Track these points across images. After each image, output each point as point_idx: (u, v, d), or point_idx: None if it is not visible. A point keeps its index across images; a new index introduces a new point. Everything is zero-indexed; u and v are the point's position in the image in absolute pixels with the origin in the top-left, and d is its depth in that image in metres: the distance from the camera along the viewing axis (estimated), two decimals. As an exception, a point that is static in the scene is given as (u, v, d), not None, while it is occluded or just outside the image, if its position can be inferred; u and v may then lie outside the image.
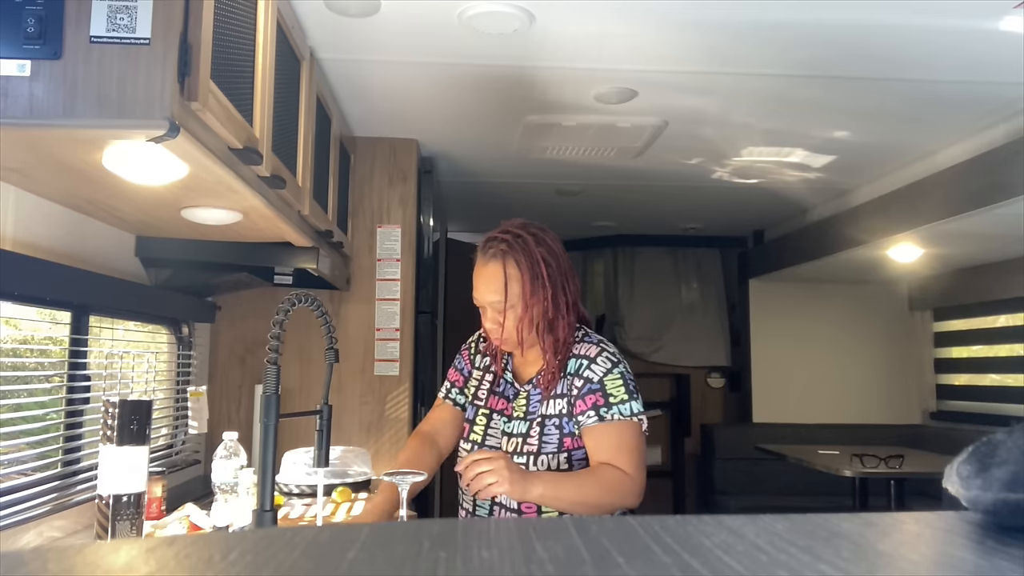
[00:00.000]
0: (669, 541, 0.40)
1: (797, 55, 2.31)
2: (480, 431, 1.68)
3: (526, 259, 1.57)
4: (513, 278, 1.56)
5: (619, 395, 1.56)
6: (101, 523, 1.51)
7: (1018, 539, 0.40)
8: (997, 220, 2.97)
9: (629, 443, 1.55)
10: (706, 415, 5.48)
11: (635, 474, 1.53)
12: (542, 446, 1.58)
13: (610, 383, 1.57)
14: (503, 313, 1.58)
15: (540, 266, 1.57)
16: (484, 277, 1.59)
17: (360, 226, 3.08)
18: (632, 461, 1.53)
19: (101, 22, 1.20)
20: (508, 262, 1.57)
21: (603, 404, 1.55)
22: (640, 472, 1.54)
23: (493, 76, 2.51)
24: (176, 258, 2.26)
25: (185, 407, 2.54)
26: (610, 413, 1.55)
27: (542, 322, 1.60)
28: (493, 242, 1.60)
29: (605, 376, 1.57)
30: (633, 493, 1.52)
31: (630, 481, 1.52)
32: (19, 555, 0.38)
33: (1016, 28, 2.08)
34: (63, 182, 1.57)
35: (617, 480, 1.52)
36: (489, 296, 1.59)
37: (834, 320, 5.02)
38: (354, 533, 0.42)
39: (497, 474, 1.41)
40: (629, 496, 1.52)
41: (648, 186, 3.98)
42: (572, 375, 1.59)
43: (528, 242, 1.58)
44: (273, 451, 1.47)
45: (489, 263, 1.59)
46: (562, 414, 1.59)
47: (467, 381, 1.79)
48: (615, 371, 1.58)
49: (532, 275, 1.57)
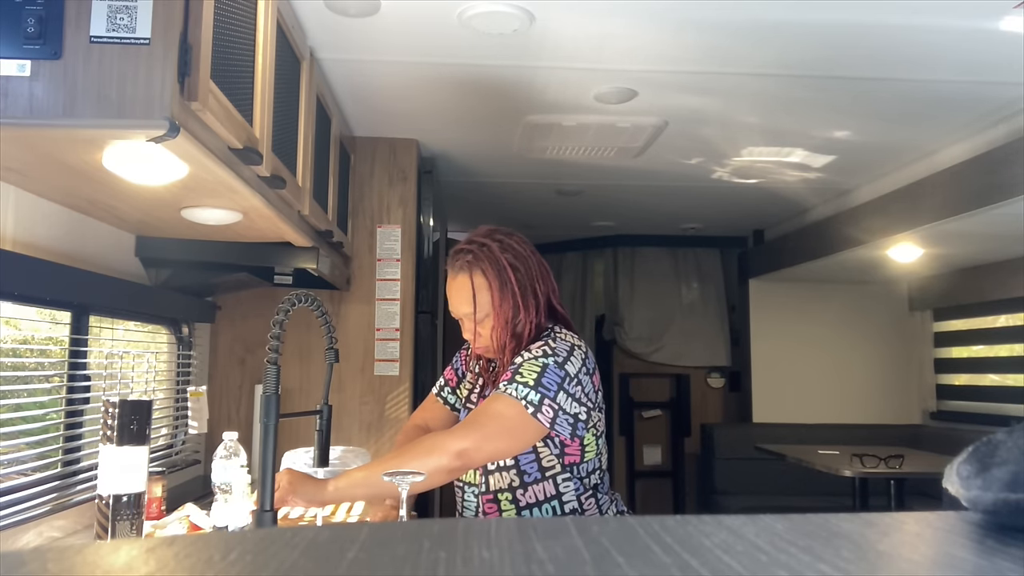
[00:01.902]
0: (669, 541, 0.40)
1: (797, 55, 2.31)
2: None
3: (492, 267, 1.57)
4: (481, 288, 1.57)
5: (524, 377, 1.49)
6: (101, 523, 1.51)
7: (1018, 539, 0.40)
8: (997, 220, 2.97)
9: (484, 412, 1.48)
10: (706, 415, 5.48)
11: (459, 436, 1.45)
12: None
13: (525, 367, 1.50)
14: (476, 323, 1.59)
15: (507, 272, 1.58)
16: (453, 290, 1.61)
17: (360, 226, 3.08)
18: (467, 427, 1.47)
19: (101, 22, 1.20)
20: (475, 272, 1.58)
21: (506, 380, 1.50)
22: (469, 439, 1.45)
23: (493, 76, 2.51)
24: (176, 258, 2.26)
25: (185, 407, 2.54)
26: (504, 388, 1.48)
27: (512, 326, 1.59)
28: (459, 254, 1.61)
29: (525, 361, 1.52)
30: (443, 448, 1.43)
31: (442, 439, 1.45)
32: (19, 555, 0.38)
33: (1016, 28, 2.08)
34: (63, 182, 1.57)
35: (424, 444, 1.45)
36: (461, 308, 1.60)
37: (834, 320, 5.02)
38: (354, 533, 0.42)
39: (285, 492, 1.45)
40: (436, 451, 1.43)
41: (648, 186, 3.98)
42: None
43: (493, 249, 1.58)
44: (273, 451, 1.47)
45: (457, 276, 1.60)
46: None
47: (460, 382, 1.81)
48: (539, 360, 1.51)
49: (500, 282, 1.57)
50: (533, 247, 1.65)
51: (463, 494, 1.67)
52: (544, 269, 1.65)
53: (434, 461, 1.43)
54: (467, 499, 1.66)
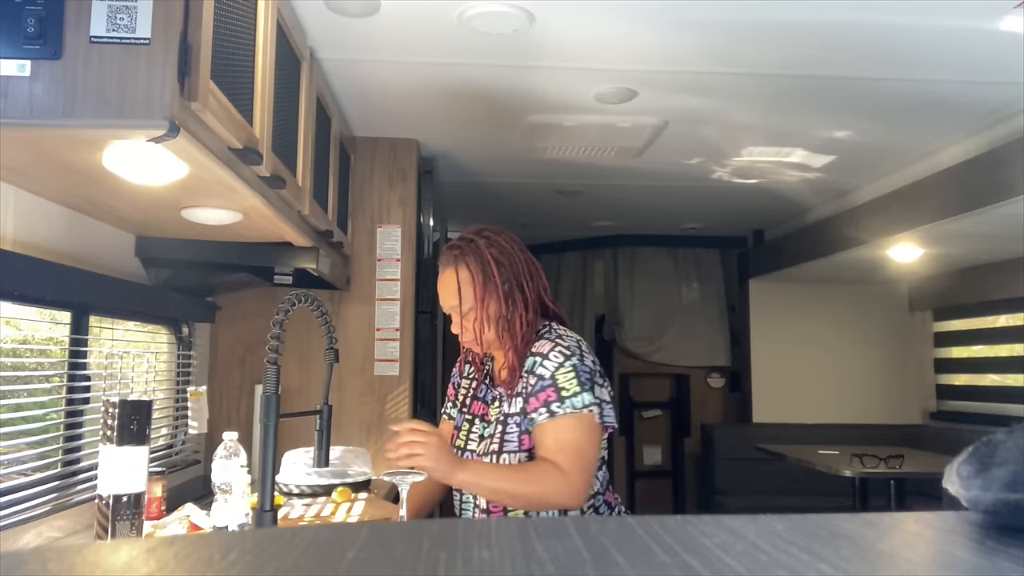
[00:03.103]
0: (669, 541, 0.40)
1: (797, 55, 2.31)
2: (464, 436, 1.72)
3: (477, 262, 1.63)
4: (465, 282, 1.63)
5: (571, 388, 1.55)
6: (101, 523, 1.51)
7: (1018, 539, 0.40)
8: (997, 220, 2.97)
9: (573, 441, 1.52)
10: (706, 415, 5.48)
11: (572, 472, 1.50)
12: (503, 445, 1.61)
13: (561, 377, 1.56)
14: (462, 316, 1.64)
15: (491, 267, 1.62)
16: (441, 284, 1.67)
17: (360, 226, 3.08)
18: (571, 459, 1.51)
19: (101, 22, 1.20)
20: (460, 267, 1.64)
21: (555, 399, 1.55)
22: (579, 471, 1.51)
23: (493, 76, 2.51)
24: (176, 258, 2.26)
25: (185, 407, 2.54)
26: (562, 408, 1.54)
27: (500, 321, 1.63)
28: (448, 250, 1.67)
29: (556, 371, 1.57)
30: (566, 492, 1.49)
31: (563, 478, 1.49)
32: (19, 555, 0.38)
33: (1016, 28, 2.08)
34: (63, 182, 1.57)
35: (547, 474, 1.50)
36: (447, 301, 1.66)
37: (834, 320, 5.02)
38: (354, 533, 0.42)
39: (425, 448, 1.45)
40: (560, 494, 1.49)
41: (648, 186, 3.98)
42: (528, 373, 1.61)
43: (479, 245, 1.64)
44: (273, 451, 1.47)
45: (444, 270, 1.66)
46: (521, 412, 1.61)
47: (457, 394, 1.84)
48: (567, 364, 1.57)
49: (484, 276, 1.62)
50: (522, 245, 1.69)
51: (461, 496, 1.68)
52: (533, 266, 1.68)
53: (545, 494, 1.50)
54: (464, 501, 1.67)
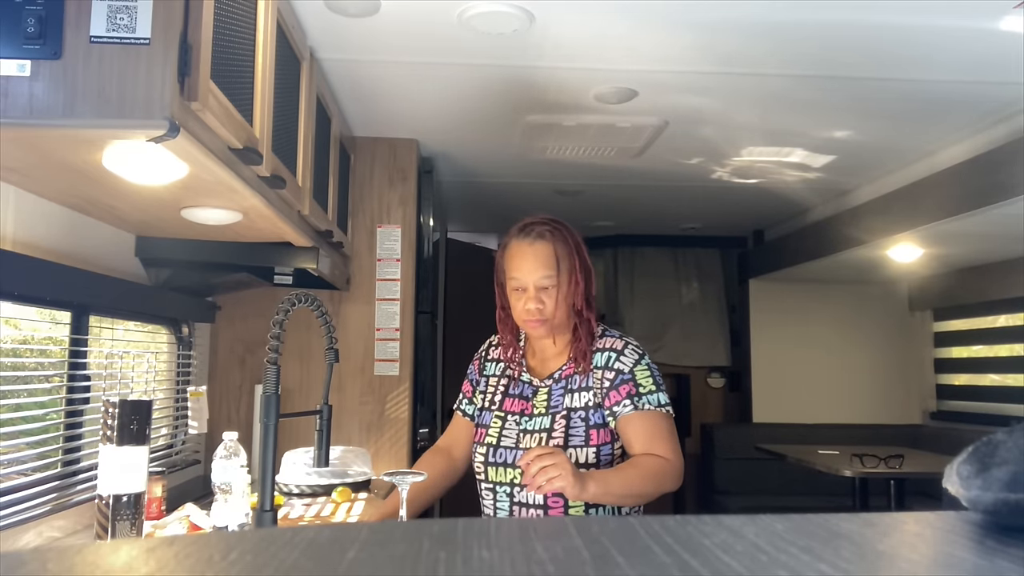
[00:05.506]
0: (669, 541, 0.40)
1: (797, 55, 2.31)
2: (495, 433, 1.66)
3: (571, 241, 1.66)
4: (564, 256, 1.64)
5: (648, 386, 1.61)
6: (101, 523, 1.51)
7: (1018, 539, 0.40)
8: (997, 220, 2.97)
9: (664, 429, 1.59)
10: (706, 415, 5.48)
11: (674, 459, 1.58)
12: (568, 439, 1.58)
13: (640, 374, 1.62)
14: (552, 289, 1.62)
15: (583, 249, 1.67)
16: (532, 255, 1.63)
17: (360, 226, 3.08)
18: (669, 447, 1.58)
19: (101, 22, 1.20)
20: (557, 241, 1.64)
21: (636, 394, 1.60)
22: (678, 456, 1.59)
23: (493, 76, 2.51)
24: (176, 258, 2.26)
25: (185, 407, 2.54)
26: (642, 402, 1.59)
27: (579, 302, 1.65)
28: (535, 226, 1.67)
29: (635, 367, 1.62)
30: (674, 477, 1.57)
31: (670, 466, 1.56)
32: (19, 555, 0.38)
33: (1016, 28, 2.08)
34: (63, 182, 1.57)
35: (659, 467, 1.55)
36: (540, 271, 1.62)
37: (834, 320, 5.02)
38: (354, 533, 0.42)
39: (560, 468, 1.39)
40: (671, 480, 1.56)
41: (648, 186, 3.98)
42: (601, 368, 1.63)
43: (568, 229, 1.68)
44: (273, 451, 1.47)
45: (536, 242, 1.64)
46: (588, 407, 1.61)
47: (475, 391, 1.80)
48: (643, 362, 1.63)
49: (578, 257, 1.66)
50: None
51: (494, 496, 1.63)
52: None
53: (662, 486, 1.56)
54: (499, 500, 1.62)
